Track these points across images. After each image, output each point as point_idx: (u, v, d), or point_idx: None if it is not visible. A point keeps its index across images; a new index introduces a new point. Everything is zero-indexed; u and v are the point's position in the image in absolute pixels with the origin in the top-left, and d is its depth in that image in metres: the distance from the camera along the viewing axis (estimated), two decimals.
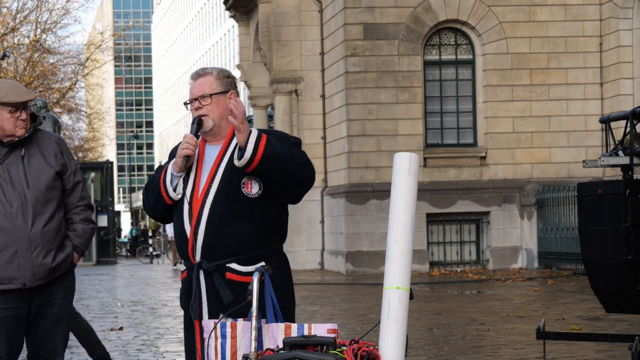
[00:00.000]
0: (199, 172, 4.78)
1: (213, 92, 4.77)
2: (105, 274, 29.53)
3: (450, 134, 25.32)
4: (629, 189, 8.07)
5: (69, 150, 5.53)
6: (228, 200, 4.67)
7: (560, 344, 10.28)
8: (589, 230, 8.40)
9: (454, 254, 24.98)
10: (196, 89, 4.80)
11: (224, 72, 4.86)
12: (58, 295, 5.45)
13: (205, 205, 4.69)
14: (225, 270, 4.67)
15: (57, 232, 5.37)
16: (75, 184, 5.47)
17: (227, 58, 70.16)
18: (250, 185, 4.69)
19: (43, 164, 5.36)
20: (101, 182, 37.61)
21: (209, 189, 4.70)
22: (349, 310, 15.29)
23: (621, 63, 24.15)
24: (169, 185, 4.81)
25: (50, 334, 5.44)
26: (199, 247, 4.69)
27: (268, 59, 27.48)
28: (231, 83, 4.85)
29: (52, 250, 5.33)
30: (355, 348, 4.06)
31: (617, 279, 8.19)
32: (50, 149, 5.41)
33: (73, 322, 8.51)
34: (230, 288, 4.65)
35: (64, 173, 5.43)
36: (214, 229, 4.67)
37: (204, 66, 5.13)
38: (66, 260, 5.42)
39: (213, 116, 4.77)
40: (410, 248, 4.21)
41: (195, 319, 4.72)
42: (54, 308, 5.44)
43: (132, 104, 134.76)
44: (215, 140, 4.82)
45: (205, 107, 4.77)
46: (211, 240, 4.67)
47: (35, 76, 47.05)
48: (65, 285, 5.49)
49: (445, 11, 24.83)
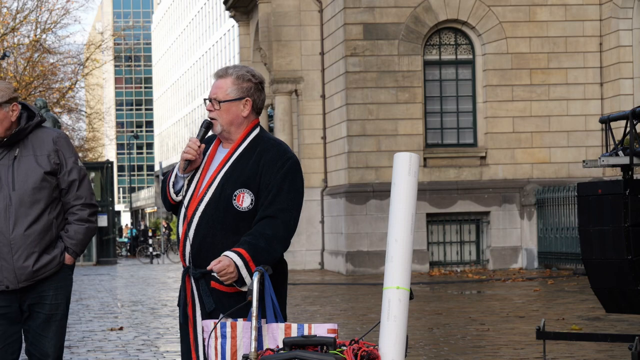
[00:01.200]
0: (203, 175, 4.77)
1: (224, 99, 4.72)
2: (105, 274, 29.53)
3: (450, 134, 25.32)
4: (629, 189, 8.07)
5: (68, 148, 5.45)
6: (217, 212, 4.66)
7: (560, 344, 10.28)
8: (589, 230, 8.40)
9: (454, 254, 24.98)
10: (212, 90, 4.76)
11: (246, 76, 4.75)
12: (48, 296, 5.42)
13: (197, 212, 4.70)
14: (211, 278, 4.69)
15: (43, 234, 5.34)
16: (70, 183, 5.42)
17: (227, 58, 70.15)
18: (242, 198, 4.67)
19: (33, 165, 5.33)
20: (101, 182, 37.61)
21: (204, 196, 4.70)
22: (349, 310, 15.29)
23: (621, 63, 24.16)
24: (171, 186, 4.82)
25: (40, 333, 5.43)
26: (188, 253, 4.73)
27: (268, 59, 27.48)
28: (250, 88, 4.74)
29: (34, 253, 5.31)
30: (355, 348, 4.06)
31: (617, 279, 8.19)
32: (44, 149, 5.38)
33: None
34: (214, 296, 4.67)
35: (59, 172, 5.39)
36: (200, 237, 4.68)
37: (229, 65, 5.05)
38: (52, 262, 5.38)
39: (221, 122, 4.74)
40: (410, 248, 4.22)
41: (180, 321, 4.78)
42: (44, 308, 5.42)
43: (132, 104, 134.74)
44: (227, 143, 4.80)
45: (215, 111, 4.74)
46: (198, 248, 4.69)
47: (35, 76, 47.05)
48: (55, 285, 5.44)
49: (445, 11, 24.83)
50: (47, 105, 27.02)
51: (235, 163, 4.71)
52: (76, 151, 5.59)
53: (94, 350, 11.18)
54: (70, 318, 14.98)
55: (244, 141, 4.76)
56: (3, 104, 5.32)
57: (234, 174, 4.68)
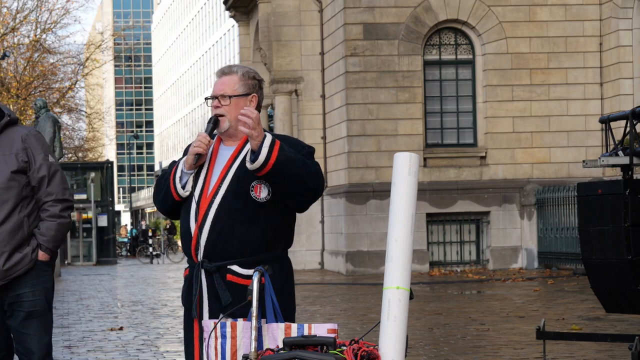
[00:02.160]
0: (210, 171, 4.76)
1: (233, 94, 4.74)
2: (105, 274, 29.52)
3: (450, 134, 25.32)
4: (629, 189, 8.07)
5: (38, 144, 5.42)
6: (236, 202, 4.65)
7: (560, 344, 10.28)
8: (589, 230, 8.40)
9: (454, 254, 24.98)
10: (218, 87, 4.77)
11: (250, 73, 4.80)
12: (25, 293, 5.42)
13: (213, 204, 4.67)
14: (226, 271, 4.66)
15: (13, 233, 5.34)
16: (40, 180, 5.41)
17: (227, 58, 70.16)
18: (259, 189, 4.67)
19: (0, 165, 5.34)
20: (101, 182, 37.61)
21: (219, 189, 4.68)
22: (349, 310, 15.29)
23: (621, 63, 24.16)
24: (177, 181, 4.79)
25: (22, 331, 5.44)
26: (202, 246, 4.67)
27: (268, 59, 27.48)
28: (255, 85, 4.80)
29: (4, 253, 5.32)
30: (355, 348, 4.06)
31: (617, 279, 8.19)
32: (13, 147, 5.38)
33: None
34: (230, 290, 4.64)
35: (28, 169, 5.39)
36: (218, 229, 4.65)
37: (231, 64, 5.05)
38: (24, 260, 5.38)
39: (230, 117, 4.74)
40: (410, 248, 4.21)
41: (194, 318, 4.72)
42: (22, 306, 5.43)
43: (132, 104, 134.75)
44: (231, 141, 4.80)
45: (224, 107, 4.74)
46: (215, 240, 4.66)
47: (35, 76, 47.05)
48: (31, 282, 5.43)
49: (445, 11, 24.83)
50: (47, 105, 27.00)
51: (246, 158, 4.68)
52: (48, 148, 5.54)
53: (94, 350, 11.18)
54: (70, 318, 14.99)
55: None
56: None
57: (247, 167, 4.66)
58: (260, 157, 4.55)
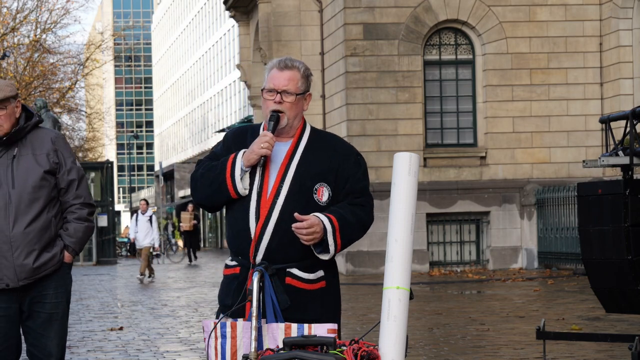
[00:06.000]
0: (267, 169, 4.63)
1: (298, 92, 4.64)
2: (105, 274, 29.51)
3: (450, 134, 25.32)
4: (629, 189, 8.07)
5: (66, 148, 5.48)
6: (299, 204, 4.55)
7: (560, 344, 10.28)
8: (589, 230, 8.40)
9: (454, 254, 24.98)
10: (281, 82, 4.63)
11: (308, 70, 4.71)
12: (48, 295, 5.42)
13: (275, 206, 4.56)
14: (286, 274, 4.56)
15: (42, 232, 5.34)
16: (69, 182, 5.44)
17: (227, 58, 70.15)
18: (322, 192, 4.60)
19: (32, 164, 5.34)
20: (101, 182, 37.60)
21: (280, 189, 4.58)
22: (349, 310, 15.28)
23: (621, 63, 24.16)
24: (238, 180, 4.61)
25: (42, 333, 5.42)
26: (263, 248, 4.56)
27: (268, 59, 27.48)
28: (310, 83, 4.74)
29: (34, 251, 5.31)
30: (355, 348, 4.06)
31: (617, 279, 8.19)
32: (43, 148, 5.39)
33: None
34: (289, 293, 4.54)
35: (57, 171, 5.41)
36: (282, 231, 4.54)
37: (291, 57, 4.90)
38: (52, 260, 5.38)
39: (289, 114, 4.64)
40: (410, 248, 4.21)
41: (243, 319, 4.52)
42: (44, 307, 5.41)
43: (132, 104, 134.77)
44: (284, 136, 4.69)
45: (286, 103, 4.63)
46: (277, 243, 4.55)
47: (35, 76, 47.06)
48: (55, 284, 5.44)
49: (445, 11, 24.83)
50: (47, 105, 27.02)
51: (304, 156, 4.63)
52: (74, 152, 5.59)
53: (94, 350, 11.19)
54: (70, 318, 14.99)
55: (303, 134, 4.69)
56: (10, 99, 5.33)
57: (308, 167, 4.60)
58: (330, 253, 4.54)
